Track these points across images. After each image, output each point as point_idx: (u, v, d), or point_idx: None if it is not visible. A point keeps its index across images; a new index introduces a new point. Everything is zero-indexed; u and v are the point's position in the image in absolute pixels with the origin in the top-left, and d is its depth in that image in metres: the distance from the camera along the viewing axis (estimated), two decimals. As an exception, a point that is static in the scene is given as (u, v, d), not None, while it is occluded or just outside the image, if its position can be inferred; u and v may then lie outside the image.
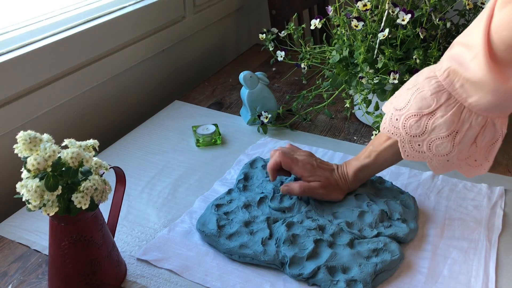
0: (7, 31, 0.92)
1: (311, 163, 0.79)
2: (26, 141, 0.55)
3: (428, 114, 0.69)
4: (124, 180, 0.69)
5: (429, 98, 0.68)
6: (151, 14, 1.20)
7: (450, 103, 0.67)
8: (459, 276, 0.69)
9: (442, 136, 0.68)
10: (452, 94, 0.67)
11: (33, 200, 0.55)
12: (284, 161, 0.78)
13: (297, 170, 0.78)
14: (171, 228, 0.78)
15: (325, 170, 0.79)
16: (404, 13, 0.89)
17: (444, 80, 0.68)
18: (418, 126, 0.69)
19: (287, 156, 0.79)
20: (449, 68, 0.67)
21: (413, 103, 0.70)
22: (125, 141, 1.03)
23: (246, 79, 1.05)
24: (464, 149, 0.70)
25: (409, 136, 0.70)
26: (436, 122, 0.68)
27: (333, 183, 0.78)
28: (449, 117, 0.67)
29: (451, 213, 0.81)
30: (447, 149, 0.69)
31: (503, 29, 0.61)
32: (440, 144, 0.69)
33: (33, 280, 0.69)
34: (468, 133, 0.68)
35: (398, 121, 0.71)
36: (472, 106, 0.66)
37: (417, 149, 0.70)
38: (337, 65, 0.99)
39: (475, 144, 0.70)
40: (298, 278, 0.68)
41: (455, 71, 0.66)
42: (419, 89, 0.70)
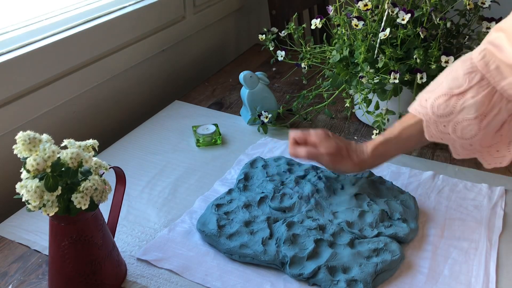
0: (7, 31, 0.92)
1: (326, 132, 0.78)
2: (26, 142, 0.55)
3: (459, 94, 0.67)
4: (124, 180, 0.69)
5: (461, 78, 0.67)
6: (151, 14, 1.20)
7: (482, 84, 0.66)
8: (459, 276, 0.69)
9: (469, 118, 0.67)
10: (485, 76, 0.66)
11: (33, 200, 0.55)
12: (296, 133, 0.79)
13: (310, 138, 0.78)
14: (171, 228, 0.78)
15: (340, 140, 0.78)
16: (404, 12, 0.89)
17: (479, 62, 0.66)
18: (446, 105, 0.68)
19: (300, 132, 0.79)
20: (485, 50, 0.66)
21: (445, 83, 0.69)
22: (125, 141, 1.03)
23: (246, 79, 1.05)
24: (489, 135, 0.68)
25: (436, 116, 0.69)
26: (466, 103, 0.66)
27: (344, 153, 0.77)
28: (480, 99, 0.66)
29: (451, 213, 0.80)
30: (473, 132, 0.67)
31: None
32: (467, 126, 0.67)
33: (33, 280, 0.69)
34: (496, 118, 0.67)
35: (427, 101, 0.70)
36: (504, 90, 0.65)
37: (442, 130, 0.69)
38: (338, 64, 0.99)
39: (500, 132, 0.68)
40: (299, 278, 0.68)
41: (491, 52, 0.65)
42: (453, 70, 0.69)
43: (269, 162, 0.90)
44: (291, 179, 0.85)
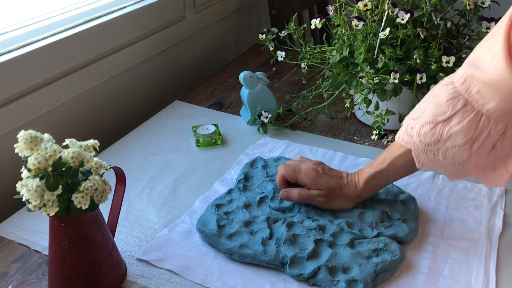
0: (7, 31, 0.92)
1: (316, 170, 0.76)
2: (27, 141, 0.55)
3: (444, 121, 0.66)
4: (124, 180, 0.69)
5: (445, 105, 0.66)
6: (151, 14, 1.20)
7: (467, 109, 0.65)
8: (459, 276, 0.69)
9: (458, 144, 0.65)
10: (468, 101, 0.65)
11: (33, 200, 0.55)
12: (287, 173, 0.77)
13: (301, 179, 0.76)
14: (171, 228, 0.78)
15: (332, 177, 0.76)
16: (404, 12, 0.89)
17: (460, 86, 0.65)
18: (433, 133, 0.67)
19: (289, 167, 0.77)
20: (466, 73, 0.65)
21: (428, 111, 0.67)
22: (125, 141, 1.03)
23: (246, 79, 1.05)
24: (482, 156, 0.67)
25: (424, 144, 0.67)
26: (452, 129, 0.65)
27: (337, 191, 0.76)
28: (466, 124, 0.64)
29: (451, 213, 0.81)
30: (464, 157, 0.66)
31: None
32: (457, 152, 0.66)
33: (33, 280, 0.69)
34: (487, 141, 0.65)
35: (413, 129, 0.68)
36: (490, 113, 0.64)
37: (432, 158, 0.68)
38: (337, 65, 0.99)
39: (493, 151, 0.67)
40: (299, 278, 0.68)
41: (472, 76, 0.64)
42: (436, 96, 0.68)
43: (269, 162, 0.90)
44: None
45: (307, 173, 0.76)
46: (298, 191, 0.76)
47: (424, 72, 0.89)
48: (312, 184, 0.75)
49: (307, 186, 0.76)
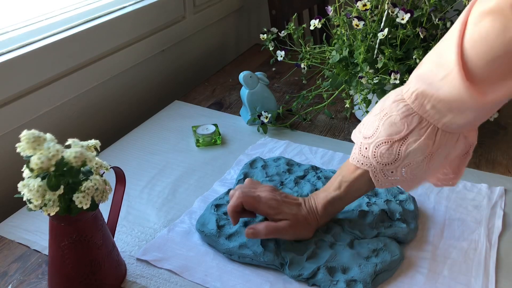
0: (7, 31, 0.92)
1: (275, 199, 0.71)
2: (30, 140, 0.55)
3: (400, 140, 0.64)
4: (124, 180, 0.69)
5: (399, 123, 0.64)
6: (151, 14, 1.20)
7: (422, 126, 0.63)
8: (459, 276, 0.69)
9: (417, 161, 0.65)
10: (423, 117, 0.63)
11: (35, 199, 0.55)
12: (246, 201, 0.70)
13: (261, 209, 0.70)
14: (170, 228, 0.78)
15: (292, 205, 0.71)
16: (403, 12, 0.89)
17: (412, 103, 0.63)
18: (390, 153, 0.65)
19: (248, 195, 0.71)
20: (417, 90, 0.63)
21: (382, 130, 0.65)
22: (125, 141, 1.03)
23: (246, 79, 1.05)
24: (437, 164, 0.67)
25: (381, 165, 0.65)
26: (409, 147, 0.64)
27: (302, 220, 0.71)
28: (423, 141, 0.63)
29: (451, 213, 0.81)
30: (422, 170, 0.66)
31: (481, 44, 0.57)
32: (415, 168, 0.65)
33: (33, 280, 0.69)
34: (442, 153, 0.65)
35: (368, 150, 0.66)
36: (447, 126, 0.63)
37: (390, 176, 0.66)
38: (337, 65, 0.99)
39: (447, 158, 0.67)
40: (298, 278, 0.68)
41: (423, 93, 0.62)
42: (387, 114, 0.65)
43: (268, 163, 0.90)
44: (291, 179, 0.85)
45: (268, 203, 0.70)
46: (264, 225, 0.70)
47: (424, 72, 0.89)
48: (276, 213, 0.70)
49: (269, 216, 0.71)
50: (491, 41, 0.56)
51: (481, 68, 0.58)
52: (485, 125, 1.05)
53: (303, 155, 0.97)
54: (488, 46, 0.57)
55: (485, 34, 0.56)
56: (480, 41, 0.57)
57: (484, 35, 0.56)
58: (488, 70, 0.58)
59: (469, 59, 0.58)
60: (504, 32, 0.55)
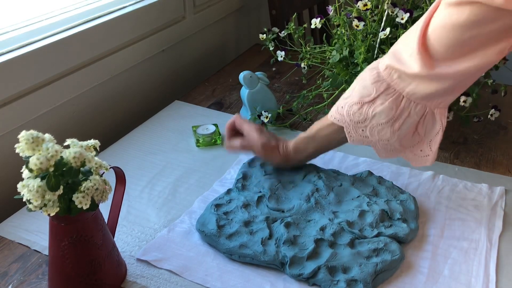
0: (7, 31, 0.92)
1: (260, 127, 0.85)
2: (29, 141, 0.55)
3: (369, 102, 0.73)
4: (124, 180, 0.69)
5: (370, 87, 0.73)
6: (151, 14, 1.20)
7: (389, 92, 0.72)
8: (459, 276, 0.69)
9: (382, 123, 0.73)
10: (390, 84, 0.72)
11: (35, 200, 0.55)
12: (237, 120, 0.86)
13: (246, 128, 0.84)
14: (170, 228, 0.78)
15: (272, 135, 0.85)
16: (403, 12, 0.89)
17: (383, 71, 0.73)
18: (360, 113, 0.74)
19: (241, 118, 0.87)
20: (388, 63, 0.72)
21: (356, 92, 0.75)
22: (125, 141, 1.03)
23: (246, 79, 1.05)
24: (406, 136, 0.74)
25: (353, 122, 0.75)
26: (376, 109, 0.73)
27: (274, 144, 0.83)
28: (387, 105, 0.72)
29: (451, 213, 0.81)
30: (388, 135, 0.74)
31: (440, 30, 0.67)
32: (381, 130, 0.74)
33: (33, 280, 0.69)
34: (408, 121, 0.73)
35: (343, 108, 0.76)
36: (410, 95, 0.71)
37: (361, 134, 0.75)
38: (337, 64, 0.99)
39: (417, 133, 0.75)
40: (298, 278, 0.68)
41: (392, 66, 0.72)
42: (363, 78, 0.75)
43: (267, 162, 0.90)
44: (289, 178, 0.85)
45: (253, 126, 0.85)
46: (240, 140, 0.85)
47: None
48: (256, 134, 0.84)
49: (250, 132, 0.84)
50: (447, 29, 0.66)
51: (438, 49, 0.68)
52: (485, 125, 1.05)
53: (303, 155, 0.96)
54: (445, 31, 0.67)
55: (444, 21, 0.67)
56: (440, 26, 0.67)
57: (443, 22, 0.67)
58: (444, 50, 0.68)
59: (429, 41, 0.69)
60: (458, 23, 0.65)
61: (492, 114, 0.97)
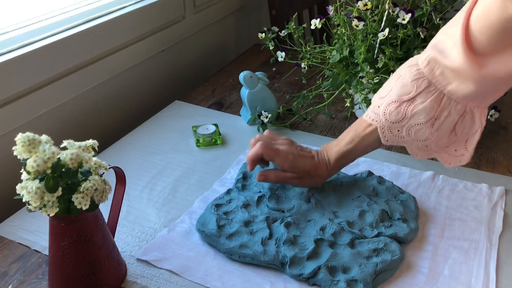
0: (7, 31, 0.92)
1: (292, 153, 0.78)
2: (25, 143, 0.55)
3: (408, 100, 0.70)
4: (124, 180, 0.69)
5: (409, 85, 0.70)
6: (151, 14, 1.20)
7: (430, 90, 0.69)
8: (459, 276, 0.69)
9: (421, 122, 0.70)
10: (432, 82, 0.69)
11: (34, 201, 0.55)
12: (266, 153, 0.77)
13: (279, 161, 0.77)
14: (170, 228, 0.78)
15: (306, 158, 0.78)
16: (404, 12, 0.89)
17: (424, 68, 0.69)
18: (398, 112, 0.71)
19: (269, 147, 0.77)
20: (430, 56, 0.69)
21: (394, 90, 0.72)
22: (125, 141, 1.03)
23: (246, 79, 1.05)
24: (443, 136, 0.71)
25: (389, 122, 0.72)
26: (415, 108, 0.70)
27: (312, 172, 0.78)
28: (429, 104, 0.69)
29: (451, 213, 0.80)
30: (425, 134, 0.71)
31: (483, 19, 0.63)
32: (419, 130, 0.71)
33: (33, 280, 0.69)
34: (447, 120, 0.70)
35: (380, 108, 0.73)
36: (452, 94, 0.68)
37: (397, 134, 0.72)
38: (337, 64, 0.99)
39: (454, 133, 0.71)
40: (299, 278, 0.68)
41: (435, 59, 0.68)
42: (401, 76, 0.72)
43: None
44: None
45: (286, 157, 0.77)
46: (274, 173, 0.79)
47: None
48: (290, 167, 0.77)
49: (283, 168, 0.78)
50: (491, 18, 0.62)
51: (482, 41, 0.64)
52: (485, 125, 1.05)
53: (303, 155, 0.96)
54: (488, 21, 0.62)
55: (487, 10, 0.62)
56: (483, 16, 0.63)
57: (486, 11, 0.62)
58: (488, 43, 0.63)
59: (472, 32, 0.64)
60: (503, 10, 0.61)
61: (492, 114, 0.97)
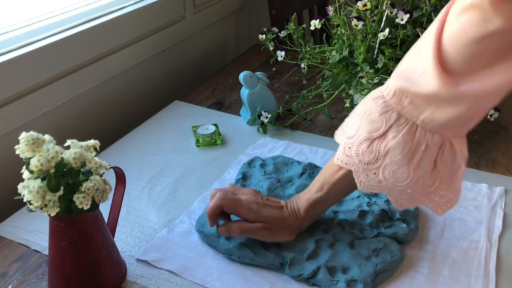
0: (7, 31, 0.92)
1: (257, 202, 0.71)
2: (29, 142, 0.55)
3: (379, 137, 0.63)
4: (124, 180, 0.69)
5: (378, 120, 0.63)
6: (151, 14, 1.20)
7: (400, 122, 0.62)
8: (459, 276, 0.69)
9: (397, 160, 0.62)
10: (401, 113, 0.62)
11: (35, 201, 0.55)
12: (227, 204, 0.70)
13: (242, 212, 0.70)
14: (170, 229, 0.78)
15: (273, 208, 0.71)
16: (403, 13, 0.89)
17: (391, 99, 0.62)
18: (370, 151, 0.63)
19: (229, 198, 0.71)
20: (395, 86, 0.62)
21: (362, 127, 0.64)
22: (125, 141, 1.03)
23: (246, 79, 1.05)
24: (425, 175, 0.63)
25: (363, 164, 0.64)
26: (388, 144, 0.62)
27: (281, 223, 0.71)
28: (401, 138, 0.61)
29: (451, 213, 0.80)
30: (405, 174, 0.62)
31: (459, 37, 0.57)
32: (397, 170, 0.62)
33: (33, 280, 0.69)
34: (426, 155, 0.62)
35: (351, 149, 0.65)
36: (426, 123, 0.61)
37: (373, 178, 0.63)
38: (337, 65, 0.99)
39: (436, 170, 0.63)
40: (298, 278, 0.68)
41: (401, 89, 0.61)
42: (367, 111, 0.64)
43: (267, 161, 0.90)
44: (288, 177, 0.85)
45: (249, 206, 0.70)
46: (238, 225, 0.70)
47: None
48: (255, 217, 0.70)
49: (249, 220, 0.70)
50: (469, 34, 0.56)
51: (458, 61, 0.58)
52: (485, 125, 1.05)
53: (303, 155, 0.97)
54: (466, 38, 0.56)
55: (463, 27, 0.56)
56: (459, 34, 0.57)
57: (463, 28, 0.56)
58: (464, 63, 0.57)
59: (446, 53, 0.58)
60: (482, 25, 0.55)
61: (492, 114, 0.97)
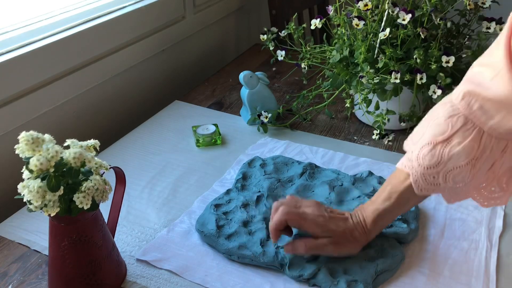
0: (7, 31, 0.92)
1: (323, 215, 0.68)
2: (29, 142, 0.55)
3: (443, 141, 0.61)
4: (124, 180, 0.69)
5: (443, 124, 0.61)
6: (151, 14, 1.20)
7: (467, 127, 0.60)
8: (459, 276, 0.69)
9: (460, 165, 0.61)
10: (469, 118, 0.60)
11: (35, 200, 0.55)
12: (291, 219, 0.67)
13: (308, 227, 0.67)
14: (170, 229, 0.78)
15: (338, 220, 0.68)
16: (404, 12, 0.89)
17: (459, 103, 0.61)
18: (432, 155, 0.62)
19: (293, 212, 0.67)
20: (464, 90, 0.60)
21: (427, 132, 0.63)
22: (125, 141, 1.03)
23: (246, 79, 1.05)
24: (481, 175, 0.63)
25: (422, 168, 0.62)
26: (453, 150, 0.60)
27: (348, 236, 0.68)
28: (468, 144, 0.60)
29: (451, 213, 0.80)
30: (466, 178, 0.62)
31: None
32: (458, 174, 0.61)
33: (33, 281, 0.69)
34: (488, 159, 0.61)
35: (413, 153, 0.64)
36: (493, 130, 0.59)
37: (432, 181, 0.63)
38: (338, 64, 0.99)
39: (492, 170, 0.62)
40: (298, 279, 0.68)
41: (471, 92, 0.60)
42: (434, 116, 0.64)
43: (267, 161, 0.90)
44: (288, 177, 0.85)
45: (315, 220, 0.67)
46: (304, 243, 0.68)
47: (424, 72, 0.89)
48: (323, 232, 0.67)
49: (316, 234, 0.68)
50: None
51: None
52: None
53: (303, 155, 0.96)
54: None
55: None
56: None
57: None
58: None
59: None
60: None
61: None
